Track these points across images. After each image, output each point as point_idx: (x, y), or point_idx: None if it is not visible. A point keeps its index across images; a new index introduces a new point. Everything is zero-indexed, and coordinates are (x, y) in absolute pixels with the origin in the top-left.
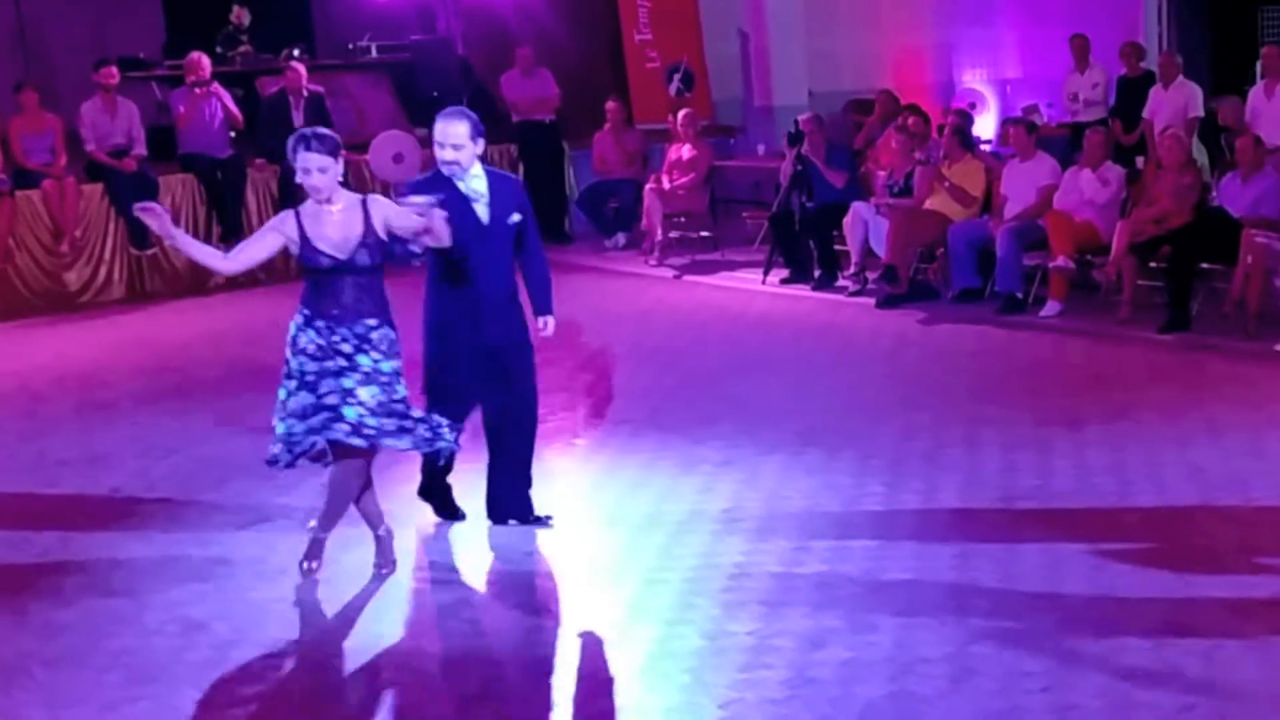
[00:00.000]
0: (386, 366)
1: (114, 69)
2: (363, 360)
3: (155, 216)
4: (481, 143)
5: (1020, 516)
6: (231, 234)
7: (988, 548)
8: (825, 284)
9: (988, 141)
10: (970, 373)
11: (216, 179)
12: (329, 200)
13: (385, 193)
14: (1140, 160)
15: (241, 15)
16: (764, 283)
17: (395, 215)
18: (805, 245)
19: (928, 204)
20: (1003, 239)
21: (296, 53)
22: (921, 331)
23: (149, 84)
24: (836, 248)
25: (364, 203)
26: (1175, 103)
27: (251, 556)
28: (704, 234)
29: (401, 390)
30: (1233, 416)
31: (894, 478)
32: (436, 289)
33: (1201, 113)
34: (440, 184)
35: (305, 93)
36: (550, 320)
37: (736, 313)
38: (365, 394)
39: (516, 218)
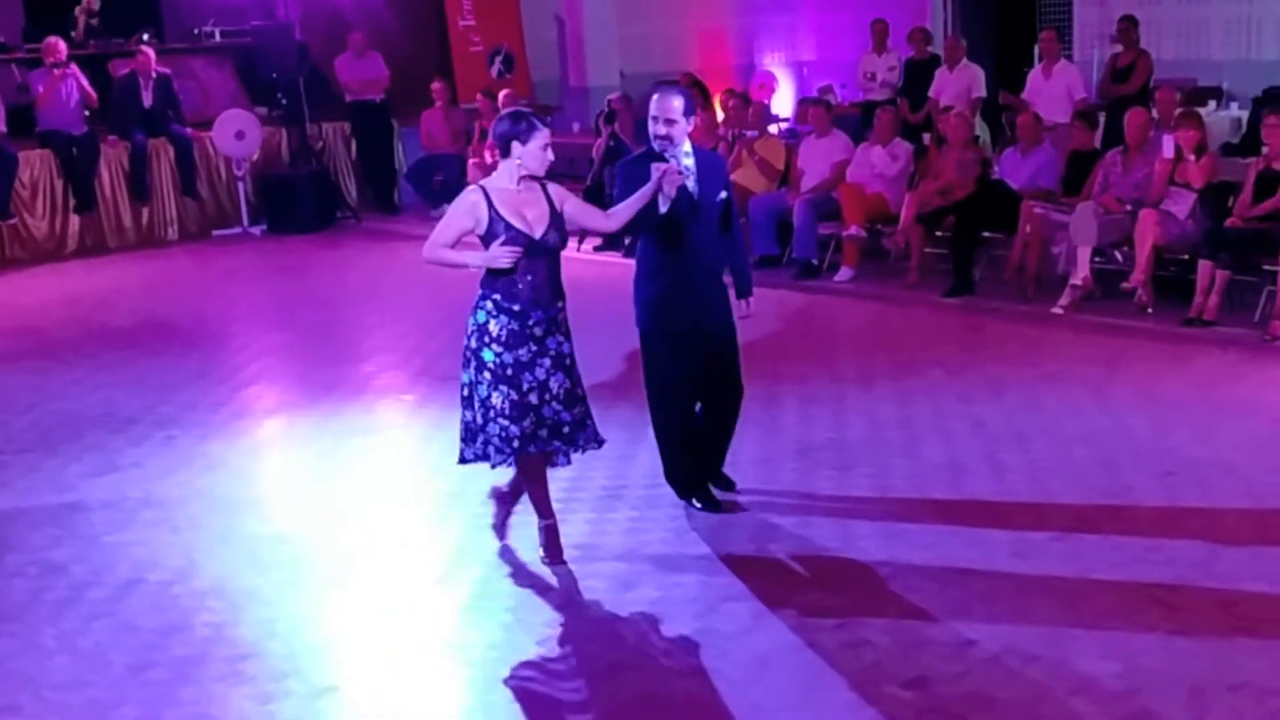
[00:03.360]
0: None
1: None
2: (550, 344)
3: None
4: (693, 120)
5: (816, 466)
6: (85, 206)
7: (786, 495)
8: (634, 251)
9: (785, 119)
10: (770, 333)
11: (72, 154)
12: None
13: (229, 167)
14: (927, 137)
15: (91, 2)
16: (579, 250)
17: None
18: None
19: (731, 177)
20: (799, 210)
21: (146, 37)
22: None
23: (9, 66)
24: None
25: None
26: (959, 84)
27: (105, 502)
28: None
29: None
30: (1013, 374)
31: None
32: (649, 271)
33: (984, 93)
34: (653, 159)
35: (154, 74)
36: (752, 302)
37: None
38: (554, 383)
39: (724, 195)
